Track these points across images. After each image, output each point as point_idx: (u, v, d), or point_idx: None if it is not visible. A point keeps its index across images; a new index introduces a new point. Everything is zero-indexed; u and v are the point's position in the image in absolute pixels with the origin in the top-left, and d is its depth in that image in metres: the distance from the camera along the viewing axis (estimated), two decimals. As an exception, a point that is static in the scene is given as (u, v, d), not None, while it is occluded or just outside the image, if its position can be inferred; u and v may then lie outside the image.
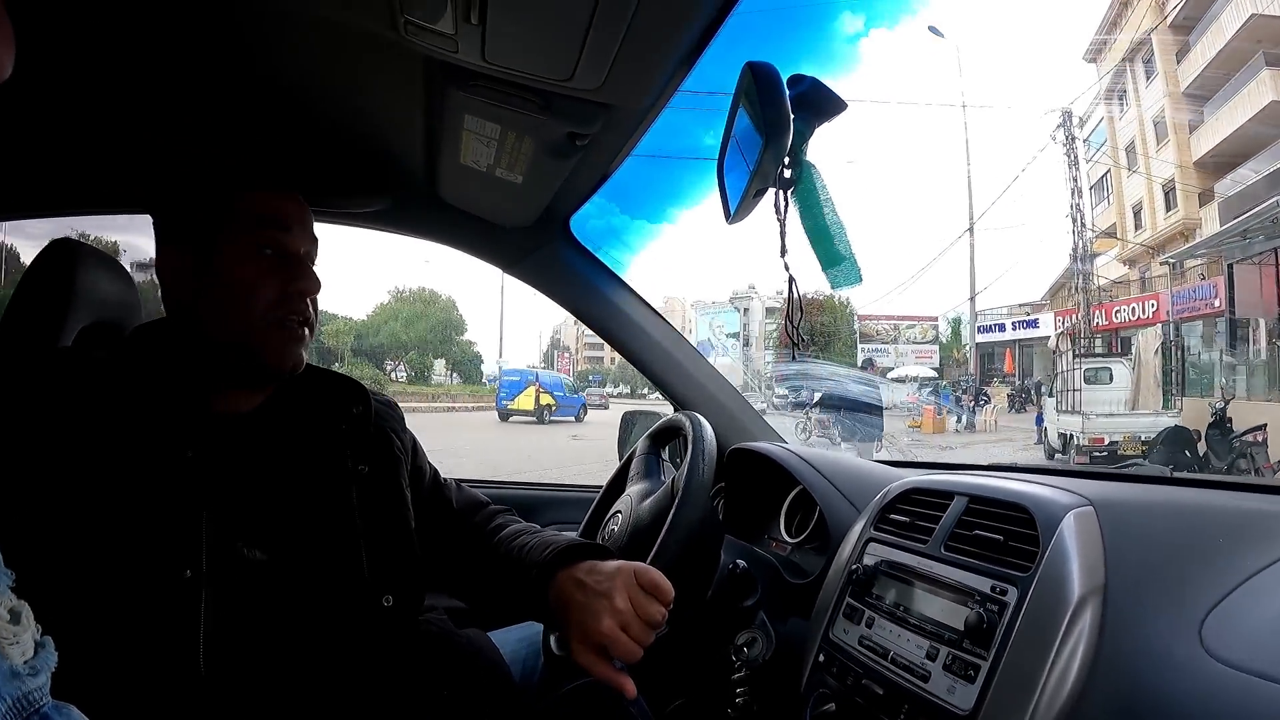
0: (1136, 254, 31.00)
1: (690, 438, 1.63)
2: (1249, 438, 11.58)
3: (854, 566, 1.51)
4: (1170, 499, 1.45)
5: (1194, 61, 27.08)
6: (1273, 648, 1.01)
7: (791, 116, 1.26)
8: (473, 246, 2.17)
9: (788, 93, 1.26)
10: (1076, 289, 22.36)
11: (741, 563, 1.71)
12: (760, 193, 1.33)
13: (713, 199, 1.42)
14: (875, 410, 16.26)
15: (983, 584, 1.26)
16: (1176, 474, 1.77)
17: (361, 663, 1.24)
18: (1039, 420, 18.76)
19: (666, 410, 2.21)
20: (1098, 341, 18.77)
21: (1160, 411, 14.32)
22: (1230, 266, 18.07)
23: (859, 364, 42.61)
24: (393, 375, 42.05)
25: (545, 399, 29.78)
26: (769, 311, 77.56)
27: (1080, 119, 23.53)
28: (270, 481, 1.26)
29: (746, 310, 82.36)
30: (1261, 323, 16.73)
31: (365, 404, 1.41)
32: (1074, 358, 16.86)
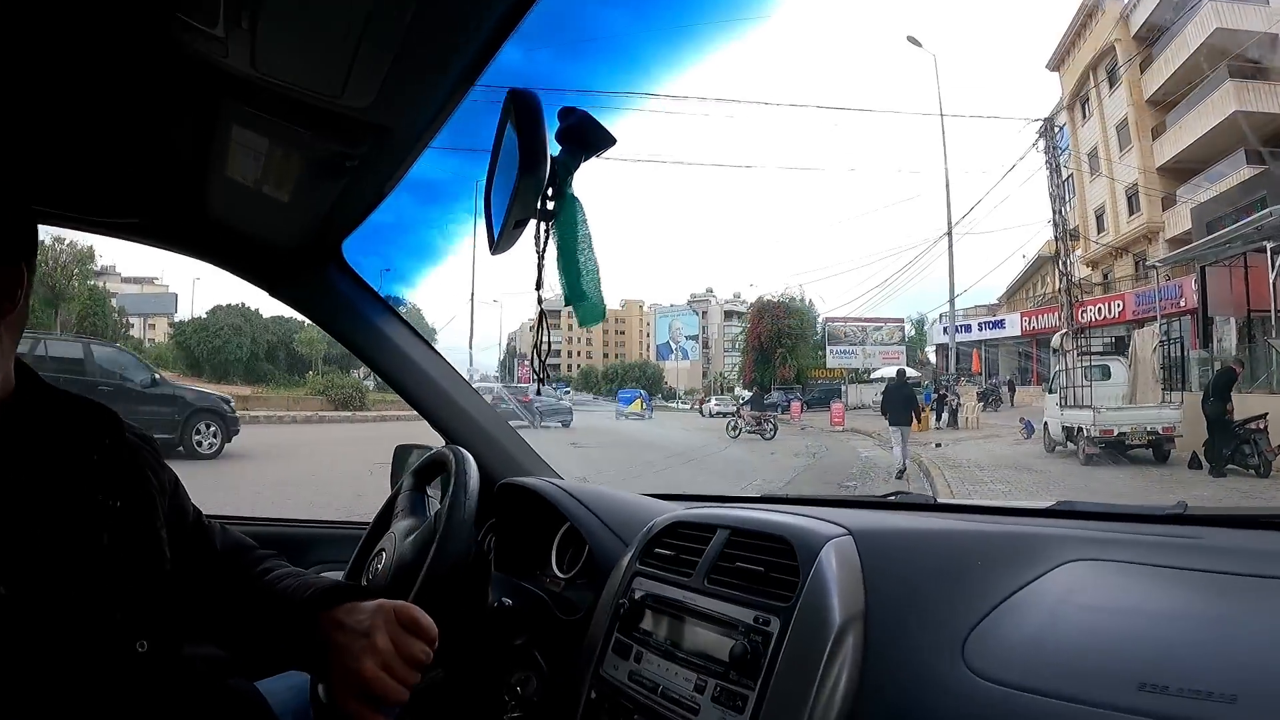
0: (1099, 255, 31.53)
1: (453, 473, 1.56)
2: (1252, 425, 11.92)
3: (621, 601, 1.48)
4: (930, 526, 1.44)
5: (1158, 71, 27.52)
6: (1030, 662, 1.03)
7: (548, 149, 1.21)
8: (238, 266, 1.99)
9: (547, 125, 1.21)
10: (1061, 291, 22.60)
11: (507, 600, 1.65)
12: (521, 223, 1.27)
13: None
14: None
15: (746, 615, 1.24)
16: (941, 500, 1.81)
17: (114, 712, 1.14)
18: (1027, 423, 19.19)
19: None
20: (1095, 342, 19.01)
21: (1163, 404, 14.53)
22: (1203, 269, 18.20)
23: (826, 365, 42.96)
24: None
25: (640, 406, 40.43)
26: (727, 315, 78.10)
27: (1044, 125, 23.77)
28: (9, 513, 1.13)
29: (705, 313, 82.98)
30: (1233, 321, 16.89)
31: (117, 435, 1.28)
32: (1079, 355, 17.10)
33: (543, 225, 1.28)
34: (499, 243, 1.30)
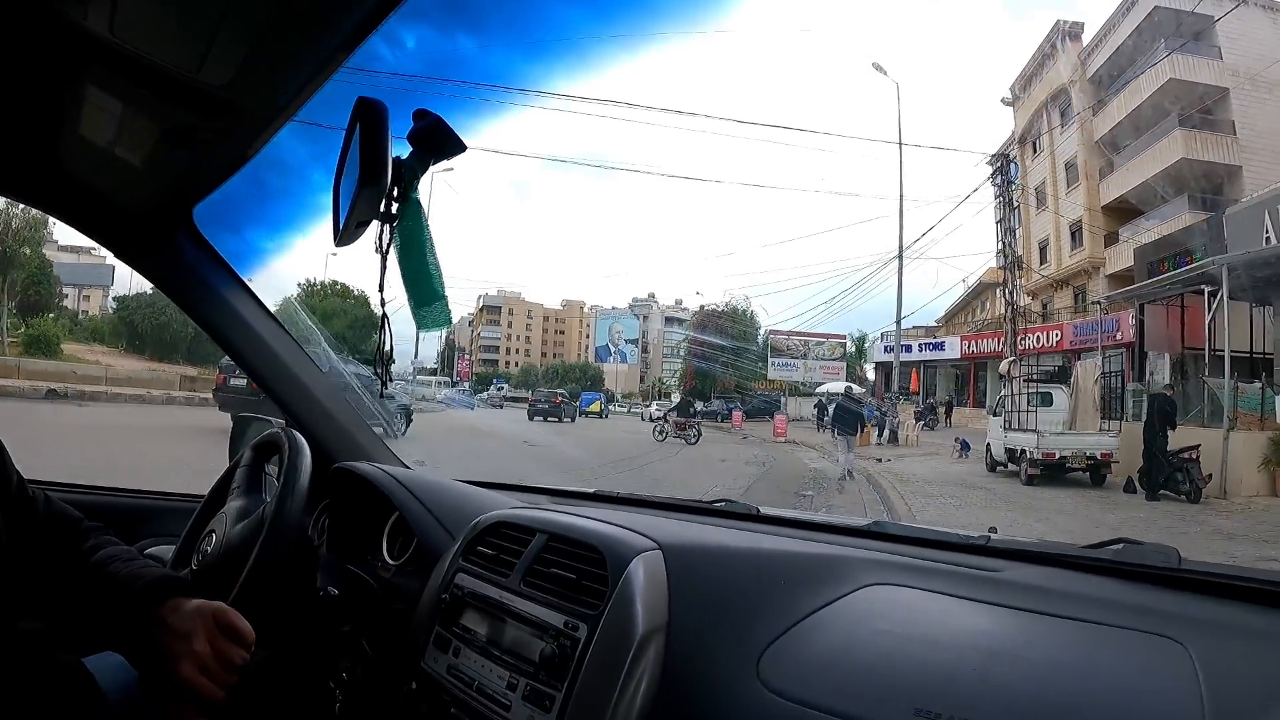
0: (1040, 286, 32.08)
1: (285, 463, 1.55)
2: (1185, 454, 12.46)
3: (443, 595, 1.49)
4: (741, 543, 1.46)
5: (1110, 115, 28.15)
6: (820, 680, 1.08)
7: (389, 158, 1.23)
8: (88, 226, 1.90)
9: (388, 132, 1.22)
10: (1006, 319, 23.03)
11: (333, 589, 1.65)
12: (362, 224, 1.28)
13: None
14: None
15: (557, 619, 1.27)
16: (764, 511, 1.81)
17: None
18: (963, 442, 19.45)
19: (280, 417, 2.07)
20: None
21: (1103, 432, 15.09)
22: (1142, 305, 18.60)
23: (768, 376, 43.10)
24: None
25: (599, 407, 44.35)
26: (668, 320, 78.01)
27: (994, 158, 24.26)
28: None
29: (646, 317, 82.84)
30: (1166, 357, 17.28)
31: None
32: (1025, 382, 17.68)
33: (386, 227, 1.29)
34: (341, 236, 1.30)
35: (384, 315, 1.34)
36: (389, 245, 1.29)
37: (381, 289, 1.30)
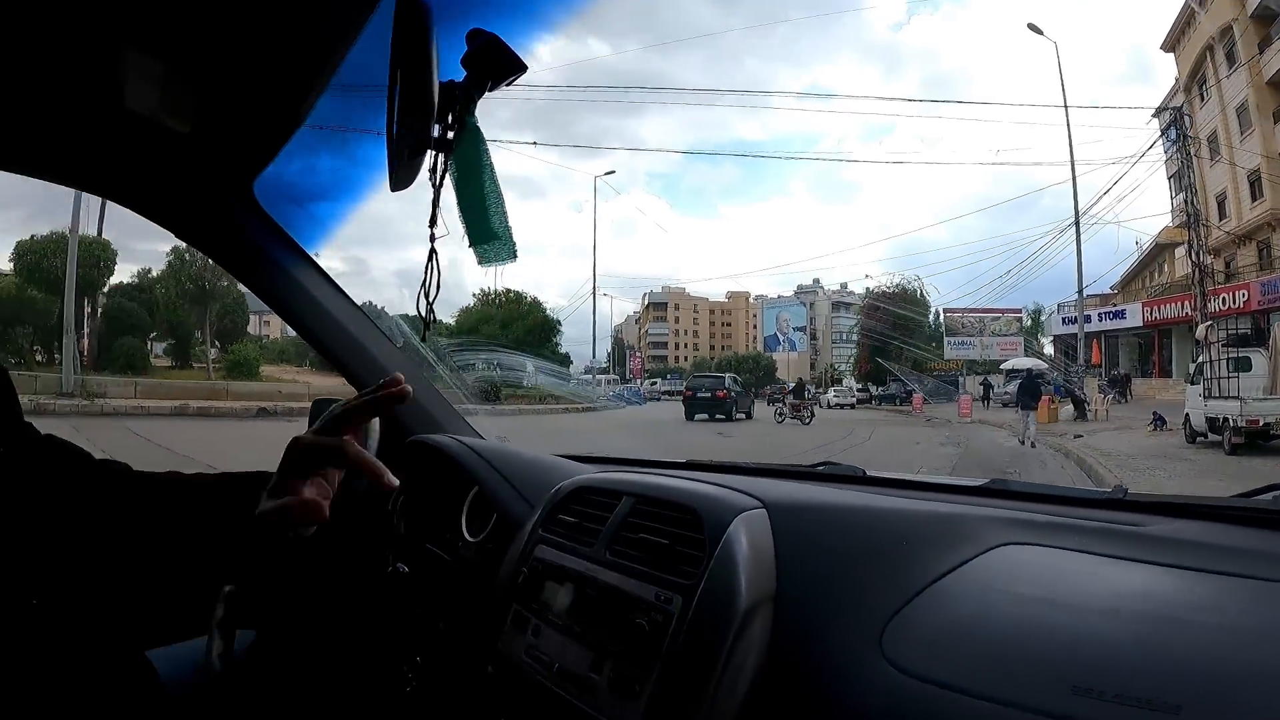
0: (1222, 243, 29.44)
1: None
2: None
3: (521, 570, 1.34)
4: (853, 501, 1.28)
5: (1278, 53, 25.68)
6: (953, 655, 0.90)
7: (434, 69, 1.09)
8: (148, 209, 1.82)
9: (433, 41, 1.08)
10: (1194, 281, 21.61)
11: (403, 566, 1.55)
12: (416, 154, 1.14)
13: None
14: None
15: (648, 592, 1.10)
16: (870, 474, 1.62)
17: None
18: (1158, 416, 18.21)
19: None
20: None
21: None
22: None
23: (944, 356, 41.67)
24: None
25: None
26: (835, 306, 76.48)
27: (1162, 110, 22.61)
28: None
29: (812, 304, 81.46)
30: None
31: None
32: (1222, 348, 16.49)
33: (440, 157, 1.15)
34: (397, 177, 1.18)
35: (432, 250, 1.19)
36: (443, 176, 1.16)
37: (433, 224, 1.17)
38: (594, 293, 44.73)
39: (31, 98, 1.46)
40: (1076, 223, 27.30)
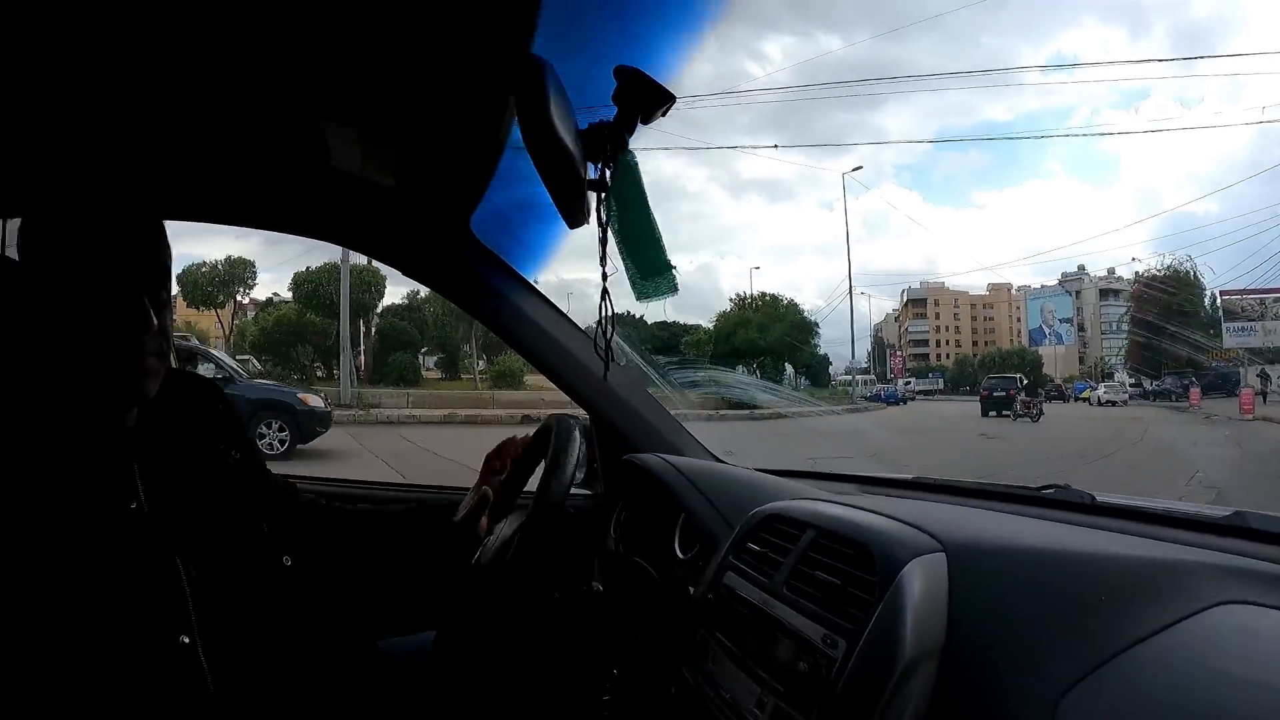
0: None
1: (551, 449, 1.49)
2: None
3: (708, 595, 1.32)
4: (1051, 544, 1.14)
5: None
6: None
7: (570, 117, 1.11)
8: (379, 252, 2.01)
9: (561, 92, 1.09)
10: None
11: (598, 585, 1.58)
12: (580, 194, 1.18)
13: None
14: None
15: (815, 632, 1.04)
16: (1101, 499, 1.44)
17: (279, 626, 1.25)
18: None
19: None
20: None
21: None
22: None
23: (1223, 345, 37.43)
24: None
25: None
26: (1103, 294, 69.98)
27: None
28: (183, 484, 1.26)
29: (1078, 293, 74.83)
30: None
31: (222, 400, 1.43)
32: None
33: (599, 196, 1.19)
34: (567, 214, 1.23)
35: (604, 289, 1.24)
36: (605, 215, 1.20)
37: (603, 261, 1.21)
38: (850, 291, 44.02)
39: (272, 167, 1.71)
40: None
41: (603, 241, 1.20)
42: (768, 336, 38.13)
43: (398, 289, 34.76)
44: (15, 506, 1.06)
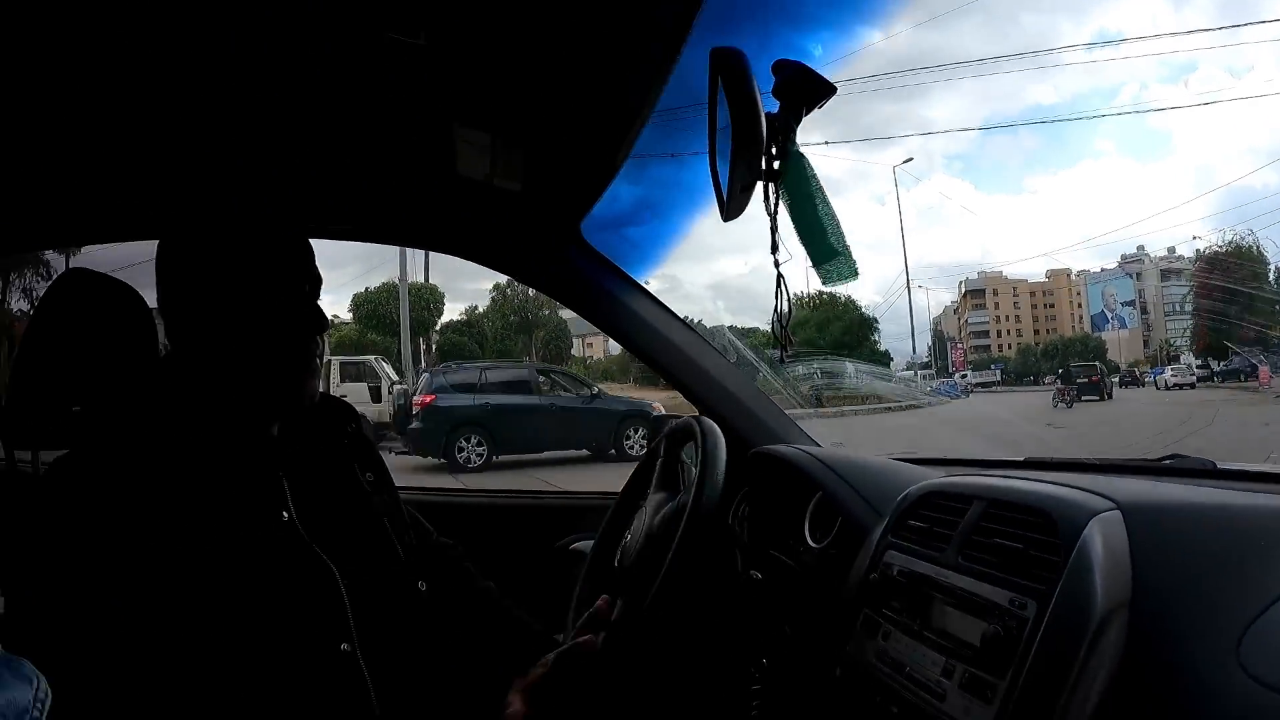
0: None
1: (699, 446, 1.51)
2: None
3: (871, 575, 1.34)
4: (1207, 499, 1.22)
5: None
6: None
7: (759, 107, 1.17)
8: (493, 260, 2.11)
9: (753, 80, 1.16)
10: None
11: (757, 574, 1.58)
12: (748, 187, 1.22)
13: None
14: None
15: (1001, 596, 1.08)
16: (1221, 465, 1.49)
17: (418, 650, 1.27)
18: None
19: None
20: None
21: None
22: None
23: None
24: (806, 380, 39.84)
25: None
26: (1164, 275, 67.76)
27: None
28: (328, 506, 1.28)
29: (1139, 275, 72.54)
30: None
31: (357, 423, 1.44)
32: None
33: (770, 186, 1.22)
34: (728, 208, 1.25)
35: (779, 276, 1.27)
36: (777, 204, 1.23)
37: (774, 250, 1.25)
38: (907, 285, 43.46)
39: (387, 179, 1.79)
40: None
41: (773, 230, 1.23)
42: (826, 335, 37.73)
43: (456, 305, 35.40)
44: (179, 514, 1.07)
